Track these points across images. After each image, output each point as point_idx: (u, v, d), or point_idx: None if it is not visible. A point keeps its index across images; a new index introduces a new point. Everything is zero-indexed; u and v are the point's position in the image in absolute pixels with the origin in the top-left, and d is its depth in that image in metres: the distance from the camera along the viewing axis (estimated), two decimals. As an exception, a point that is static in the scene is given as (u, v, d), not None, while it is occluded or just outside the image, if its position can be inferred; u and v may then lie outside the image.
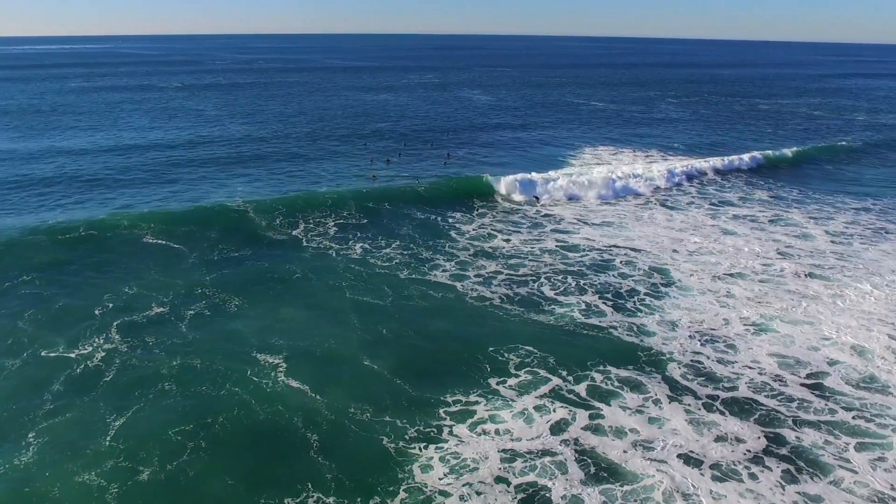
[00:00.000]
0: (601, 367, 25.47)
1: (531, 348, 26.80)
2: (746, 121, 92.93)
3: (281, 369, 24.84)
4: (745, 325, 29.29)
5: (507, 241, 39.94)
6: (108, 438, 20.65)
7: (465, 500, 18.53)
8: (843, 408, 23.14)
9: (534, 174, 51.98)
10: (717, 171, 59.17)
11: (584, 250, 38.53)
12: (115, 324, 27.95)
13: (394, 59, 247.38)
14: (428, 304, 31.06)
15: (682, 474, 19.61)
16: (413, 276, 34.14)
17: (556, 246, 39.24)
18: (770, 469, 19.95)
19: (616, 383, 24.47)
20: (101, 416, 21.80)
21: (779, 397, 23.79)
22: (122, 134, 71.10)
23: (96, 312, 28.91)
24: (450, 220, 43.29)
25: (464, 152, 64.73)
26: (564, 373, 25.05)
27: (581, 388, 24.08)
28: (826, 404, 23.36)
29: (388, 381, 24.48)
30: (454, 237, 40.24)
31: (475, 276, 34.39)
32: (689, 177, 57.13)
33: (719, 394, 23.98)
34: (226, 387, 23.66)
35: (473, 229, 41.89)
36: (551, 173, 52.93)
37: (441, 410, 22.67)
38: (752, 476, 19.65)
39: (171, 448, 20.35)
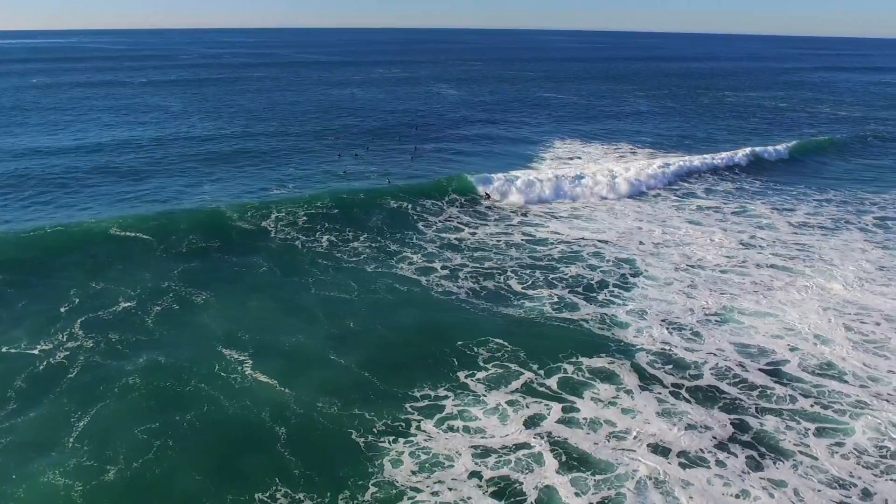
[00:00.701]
0: (572, 360, 25.72)
1: (501, 341, 27.08)
2: (714, 114, 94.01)
3: (248, 364, 24.76)
4: (708, 314, 29.78)
5: (474, 234, 40.09)
6: (73, 437, 20.44)
7: (437, 495, 18.64)
8: (802, 395, 23.66)
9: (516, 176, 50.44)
10: (690, 172, 59.73)
11: (551, 243, 38.87)
12: (79, 320, 27.62)
13: (361, 54, 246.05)
14: (394, 297, 31.14)
15: (653, 463, 19.91)
16: (380, 269, 34.21)
17: (523, 239, 39.51)
18: (735, 455, 20.34)
19: (587, 375, 24.73)
20: (65, 414, 21.56)
21: (741, 385, 24.25)
22: (88, 131, 69.75)
23: (61, 310, 28.55)
24: (419, 216, 43.32)
25: (431, 147, 64.74)
26: (535, 366, 25.26)
27: (552, 381, 24.28)
28: (787, 391, 23.86)
29: (355, 374, 24.51)
30: (422, 229, 40.32)
31: (441, 267, 34.58)
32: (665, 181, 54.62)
33: (685, 382, 24.38)
34: (192, 383, 23.51)
35: (441, 221, 41.97)
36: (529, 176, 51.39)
37: (409, 405, 22.76)
38: (720, 463, 20.02)
39: (137, 445, 20.20)
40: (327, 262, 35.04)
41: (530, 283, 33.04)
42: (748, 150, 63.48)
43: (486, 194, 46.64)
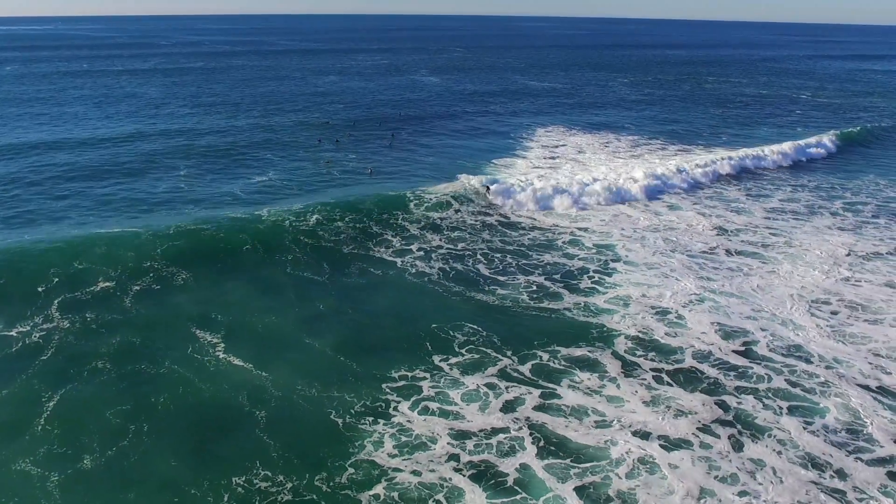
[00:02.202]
0: (550, 347, 25.87)
1: (475, 326, 27.26)
2: (696, 101, 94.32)
3: (222, 346, 24.74)
4: (687, 299, 30.08)
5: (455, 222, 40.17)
6: (43, 421, 20.35)
7: (417, 475, 18.80)
8: (776, 375, 24.02)
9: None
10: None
11: (525, 228, 39.18)
12: (57, 300, 27.49)
13: (341, 41, 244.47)
14: (369, 279, 31.27)
15: (637, 447, 20.14)
16: (358, 251, 34.35)
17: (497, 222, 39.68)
18: (718, 436, 20.65)
19: (566, 361, 24.91)
20: (37, 396, 21.42)
21: (719, 367, 24.59)
22: (67, 123, 68.22)
23: (39, 290, 28.38)
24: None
25: (411, 134, 64.60)
26: (510, 351, 25.46)
27: (530, 366, 24.48)
28: (762, 372, 24.20)
29: (330, 357, 24.64)
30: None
31: (418, 249, 34.82)
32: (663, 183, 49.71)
33: (665, 366, 24.67)
34: (166, 364, 23.46)
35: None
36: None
37: (386, 386, 22.93)
38: (704, 445, 20.32)
39: (112, 430, 20.20)
40: (309, 240, 35.23)
41: (501, 268, 33.25)
42: (729, 133, 63.69)
43: (486, 188, 43.94)
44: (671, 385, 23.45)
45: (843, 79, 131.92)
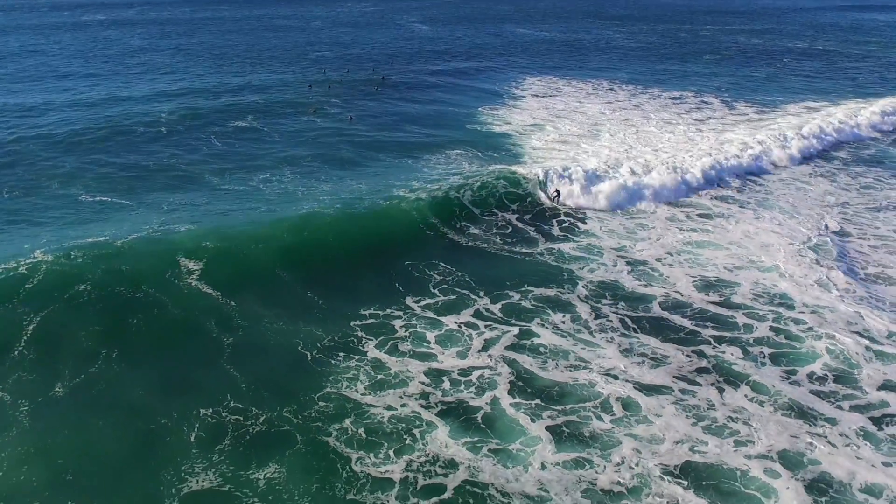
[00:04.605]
0: (522, 288, 25.78)
1: (448, 266, 27.15)
2: (694, 48, 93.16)
3: (197, 272, 24.45)
4: (665, 250, 29.91)
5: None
6: (22, 345, 20.16)
7: (391, 410, 18.84)
8: (758, 323, 23.96)
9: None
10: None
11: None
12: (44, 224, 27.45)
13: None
14: (343, 213, 30.95)
15: (613, 391, 20.07)
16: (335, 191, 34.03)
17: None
18: (699, 384, 20.57)
19: (539, 303, 24.86)
20: (19, 322, 21.07)
21: (698, 315, 24.49)
22: (50, 80, 66.22)
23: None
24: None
25: (397, 81, 63.66)
26: (482, 292, 25.35)
27: (503, 308, 24.42)
28: (743, 321, 24.13)
29: (300, 292, 24.60)
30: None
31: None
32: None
33: (642, 314, 24.55)
34: (143, 288, 23.12)
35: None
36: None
37: (356, 323, 22.88)
38: (684, 391, 20.24)
39: (84, 355, 20.04)
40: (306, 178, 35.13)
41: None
42: (721, 82, 62.79)
43: (556, 192, 35.00)
44: (647, 334, 23.32)
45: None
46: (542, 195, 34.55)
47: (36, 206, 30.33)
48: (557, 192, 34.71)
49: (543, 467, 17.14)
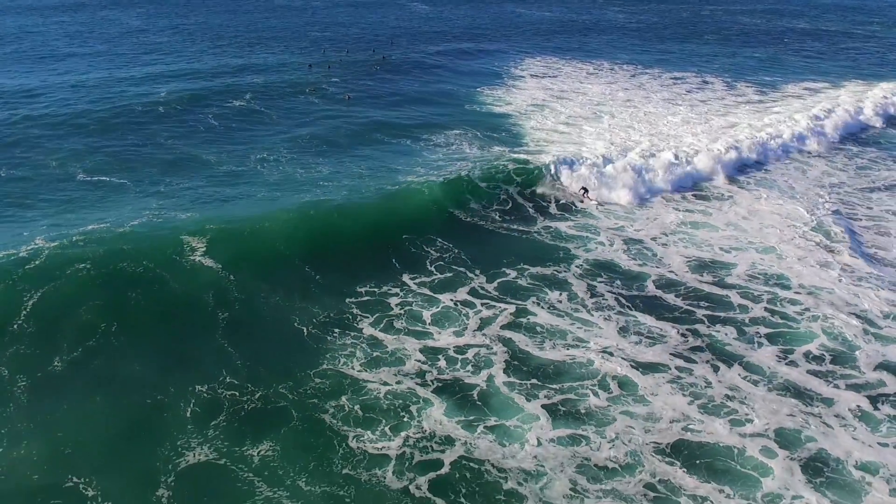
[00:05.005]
0: (519, 266, 25.78)
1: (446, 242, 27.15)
2: (692, 29, 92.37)
3: (201, 250, 24.29)
4: (661, 230, 29.86)
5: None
6: (21, 319, 20.09)
7: (387, 386, 18.90)
8: (753, 304, 23.96)
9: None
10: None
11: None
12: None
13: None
14: (343, 187, 31.04)
15: (609, 369, 20.11)
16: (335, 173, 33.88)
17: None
18: (695, 362, 20.63)
19: (535, 281, 24.85)
20: (19, 297, 20.97)
21: (694, 295, 24.51)
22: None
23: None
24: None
25: (396, 60, 63.12)
26: (478, 270, 25.36)
27: (500, 286, 24.41)
28: (738, 301, 24.13)
29: (298, 268, 24.62)
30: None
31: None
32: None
33: (637, 293, 24.56)
34: (143, 263, 23.00)
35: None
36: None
37: (351, 300, 22.93)
38: (681, 369, 20.29)
39: (84, 328, 20.03)
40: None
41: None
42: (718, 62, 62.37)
43: (584, 190, 32.64)
44: (643, 312, 23.33)
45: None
46: (546, 184, 33.26)
47: (34, 189, 30.04)
48: (585, 189, 32.37)
49: (539, 444, 17.20)
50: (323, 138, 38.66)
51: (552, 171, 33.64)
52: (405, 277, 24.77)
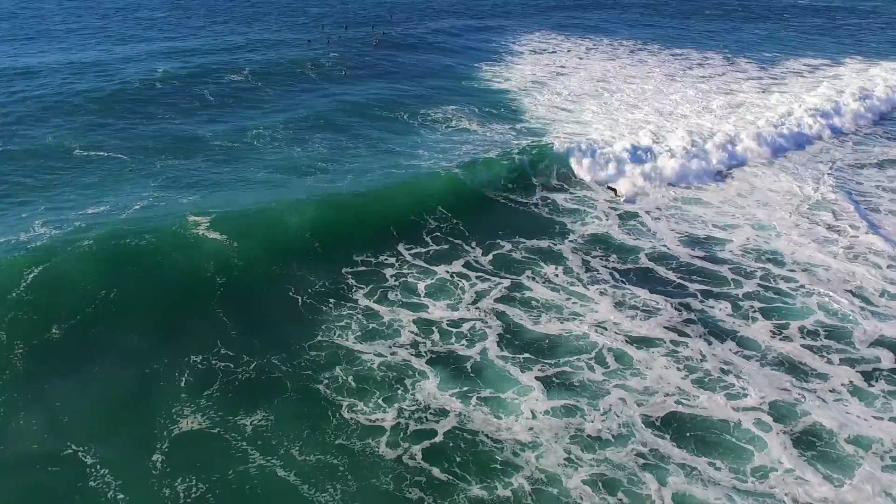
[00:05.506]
0: (514, 238, 25.78)
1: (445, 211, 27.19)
2: (692, 4, 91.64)
3: (202, 223, 24.03)
4: (656, 205, 29.78)
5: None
6: (21, 289, 19.95)
7: (381, 357, 18.96)
8: (747, 280, 23.93)
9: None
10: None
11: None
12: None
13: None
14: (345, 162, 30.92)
15: (604, 343, 20.10)
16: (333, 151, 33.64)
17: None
18: (689, 336, 20.61)
19: (531, 254, 24.84)
20: (17, 269, 20.76)
21: (689, 270, 24.49)
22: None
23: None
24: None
25: (395, 36, 62.66)
26: (474, 242, 25.38)
27: (495, 259, 24.42)
28: (732, 277, 24.12)
29: (299, 235, 24.52)
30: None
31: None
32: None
33: (631, 266, 24.53)
34: (146, 237, 22.80)
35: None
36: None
37: (347, 269, 23.00)
38: (675, 343, 20.28)
39: (83, 298, 19.97)
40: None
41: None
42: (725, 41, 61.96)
43: (612, 189, 30.80)
44: (638, 286, 23.29)
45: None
46: (550, 167, 31.93)
47: (32, 170, 29.74)
48: (613, 189, 30.50)
49: (534, 416, 17.23)
50: (321, 114, 38.46)
51: (555, 150, 32.68)
52: (401, 247, 24.76)
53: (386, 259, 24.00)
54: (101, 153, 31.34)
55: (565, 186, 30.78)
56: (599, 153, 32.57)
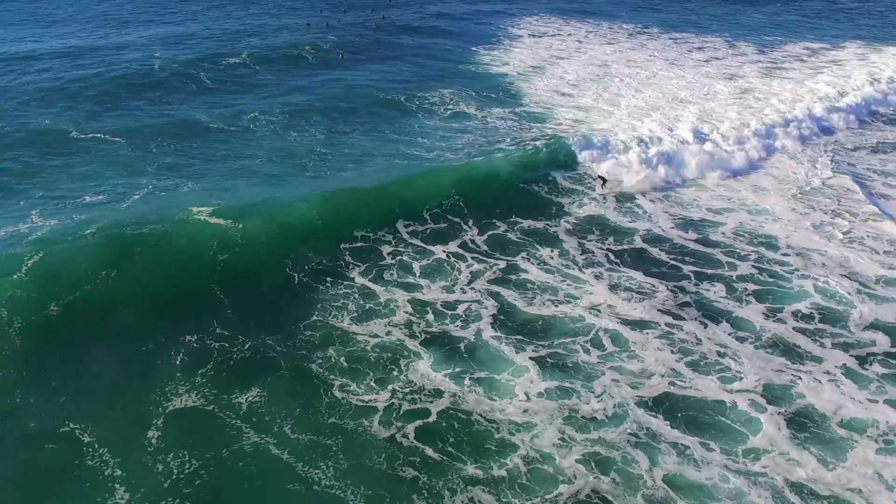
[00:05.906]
0: (510, 219, 25.82)
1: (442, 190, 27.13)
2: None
3: (202, 206, 24.07)
4: (653, 188, 29.67)
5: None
6: (23, 272, 19.93)
7: (376, 337, 18.98)
8: (742, 263, 23.91)
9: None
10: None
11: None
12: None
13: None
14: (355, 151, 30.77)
15: (599, 325, 20.10)
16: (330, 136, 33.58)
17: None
18: (683, 318, 20.63)
19: (526, 236, 24.83)
20: (18, 252, 20.78)
21: (683, 252, 24.46)
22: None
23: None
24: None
25: (395, 20, 62.36)
26: (471, 221, 25.39)
27: (490, 239, 24.45)
28: (726, 259, 24.10)
29: (301, 213, 24.48)
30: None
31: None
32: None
33: (626, 248, 24.54)
34: (149, 224, 22.79)
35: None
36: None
37: (345, 245, 23.06)
38: (669, 325, 20.29)
39: (83, 278, 19.99)
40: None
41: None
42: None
43: (601, 178, 29.50)
44: (632, 268, 23.31)
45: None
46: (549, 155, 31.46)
47: (32, 157, 29.57)
48: (603, 179, 29.30)
49: (528, 397, 17.27)
50: (319, 98, 38.43)
51: (560, 140, 32.30)
52: (399, 224, 24.77)
53: (383, 236, 24.03)
54: (100, 136, 31.28)
55: (563, 172, 30.65)
56: (598, 142, 32.54)
